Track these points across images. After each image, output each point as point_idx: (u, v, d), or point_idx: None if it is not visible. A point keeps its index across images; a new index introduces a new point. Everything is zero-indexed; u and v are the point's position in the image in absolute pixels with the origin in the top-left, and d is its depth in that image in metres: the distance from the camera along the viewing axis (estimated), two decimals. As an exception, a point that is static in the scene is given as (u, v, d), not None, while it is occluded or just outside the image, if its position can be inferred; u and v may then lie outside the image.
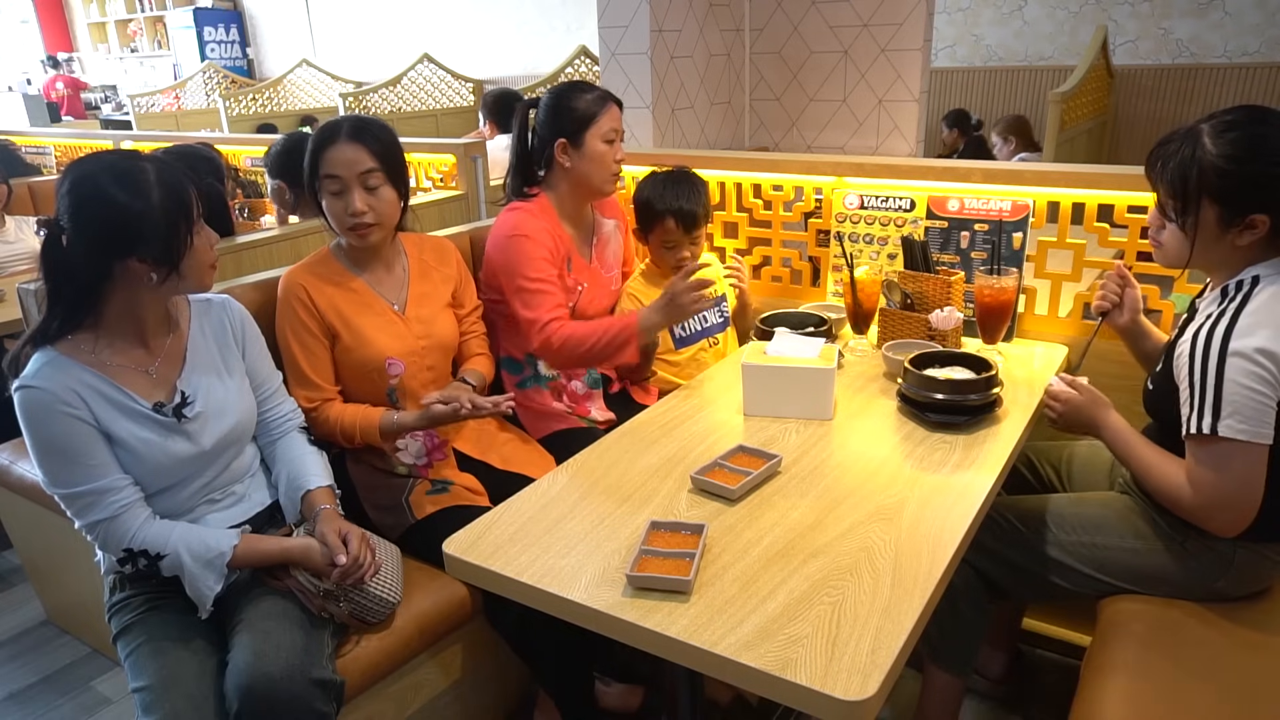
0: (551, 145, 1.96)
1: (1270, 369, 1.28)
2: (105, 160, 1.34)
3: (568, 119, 1.94)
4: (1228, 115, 1.35)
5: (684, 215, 2.08)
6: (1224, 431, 1.29)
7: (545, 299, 1.89)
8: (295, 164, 2.75)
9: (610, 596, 1.14)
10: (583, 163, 1.96)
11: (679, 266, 2.09)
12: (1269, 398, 1.29)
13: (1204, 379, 1.31)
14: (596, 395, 2.11)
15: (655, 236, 2.13)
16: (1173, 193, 1.38)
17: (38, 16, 10.80)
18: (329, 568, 1.42)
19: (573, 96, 1.95)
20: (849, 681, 0.97)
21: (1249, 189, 1.32)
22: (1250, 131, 1.32)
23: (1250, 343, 1.29)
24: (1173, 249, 1.43)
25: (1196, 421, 1.32)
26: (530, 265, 1.89)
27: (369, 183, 1.67)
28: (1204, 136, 1.34)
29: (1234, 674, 1.36)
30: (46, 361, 1.34)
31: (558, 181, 2.00)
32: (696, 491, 1.39)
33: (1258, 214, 1.32)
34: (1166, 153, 1.38)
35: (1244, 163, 1.31)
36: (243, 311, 1.60)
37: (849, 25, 2.72)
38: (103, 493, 1.36)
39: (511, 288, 1.91)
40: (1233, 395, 1.29)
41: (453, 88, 6.95)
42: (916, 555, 1.20)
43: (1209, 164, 1.32)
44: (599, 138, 1.95)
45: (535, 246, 1.90)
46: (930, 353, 1.70)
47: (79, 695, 2.15)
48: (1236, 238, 1.36)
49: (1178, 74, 5.10)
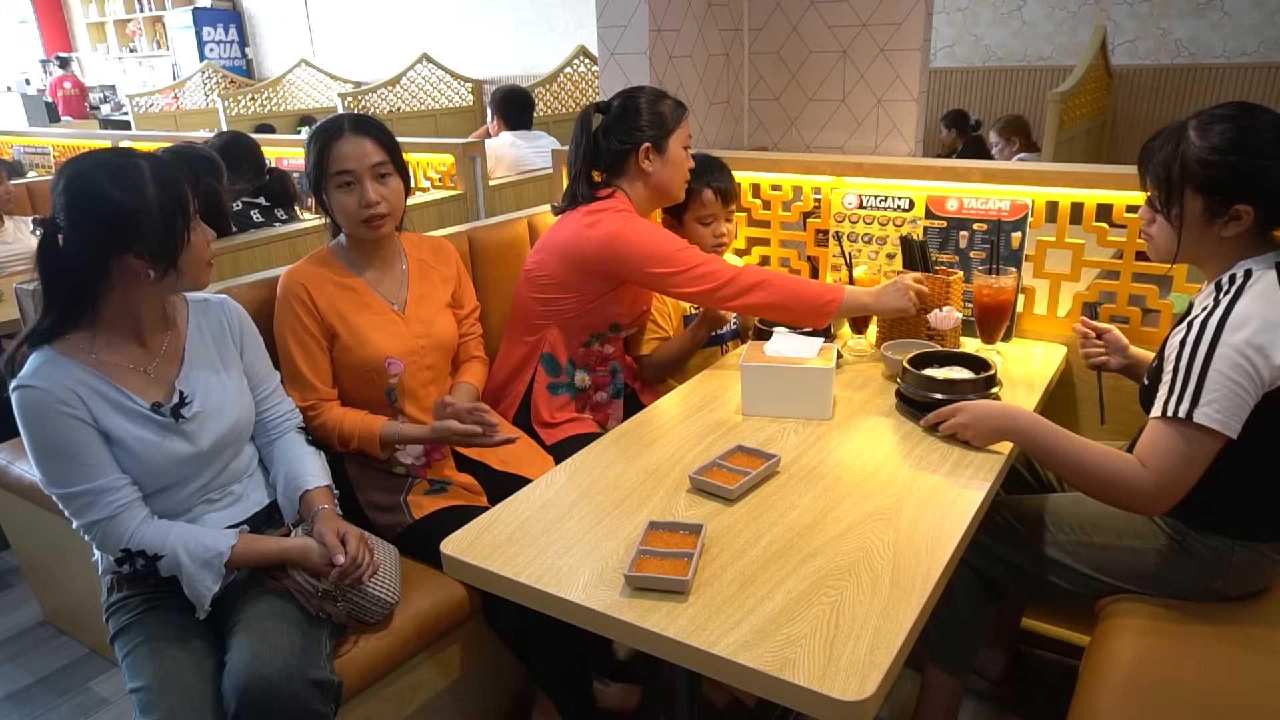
0: (633, 149, 1.94)
1: (1256, 363, 1.29)
2: (100, 158, 1.34)
3: (657, 123, 1.94)
4: (1216, 110, 1.38)
5: (721, 187, 2.12)
6: (1199, 418, 1.31)
7: (699, 254, 1.88)
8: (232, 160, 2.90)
9: (608, 596, 1.14)
10: (666, 168, 1.97)
11: (716, 245, 2.13)
12: (1248, 393, 1.30)
13: (1190, 365, 1.33)
14: (618, 405, 2.12)
15: (692, 212, 2.13)
16: (1158, 184, 1.41)
17: (37, 17, 10.79)
18: (327, 568, 1.42)
19: (657, 102, 1.96)
20: (847, 682, 0.97)
21: (1231, 180, 1.34)
22: (1237, 124, 1.34)
23: (1241, 335, 1.30)
24: (1161, 241, 1.45)
25: (1175, 405, 1.33)
26: (670, 237, 1.90)
27: (380, 173, 1.68)
28: (1190, 130, 1.37)
29: (1232, 674, 1.36)
30: (45, 361, 1.34)
31: (631, 185, 1.98)
32: (695, 491, 1.39)
33: (1241, 205, 1.35)
34: (1154, 146, 1.42)
35: (1226, 154, 1.33)
36: (241, 311, 1.60)
37: (848, 25, 2.72)
38: (101, 492, 1.36)
39: (663, 267, 1.86)
40: (1215, 385, 1.30)
41: (452, 88, 6.95)
42: (915, 555, 1.20)
43: (1192, 156, 1.35)
44: (680, 143, 1.97)
45: (655, 227, 1.94)
46: (929, 352, 1.70)
47: (77, 696, 2.14)
48: (1222, 229, 1.38)
49: (1176, 74, 5.10)
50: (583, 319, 1.99)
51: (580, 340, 2.02)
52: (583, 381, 2.05)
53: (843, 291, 1.84)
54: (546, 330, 2.01)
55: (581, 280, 1.94)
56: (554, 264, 1.96)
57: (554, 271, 1.96)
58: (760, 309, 1.88)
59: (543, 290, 1.99)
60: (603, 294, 1.96)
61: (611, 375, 2.10)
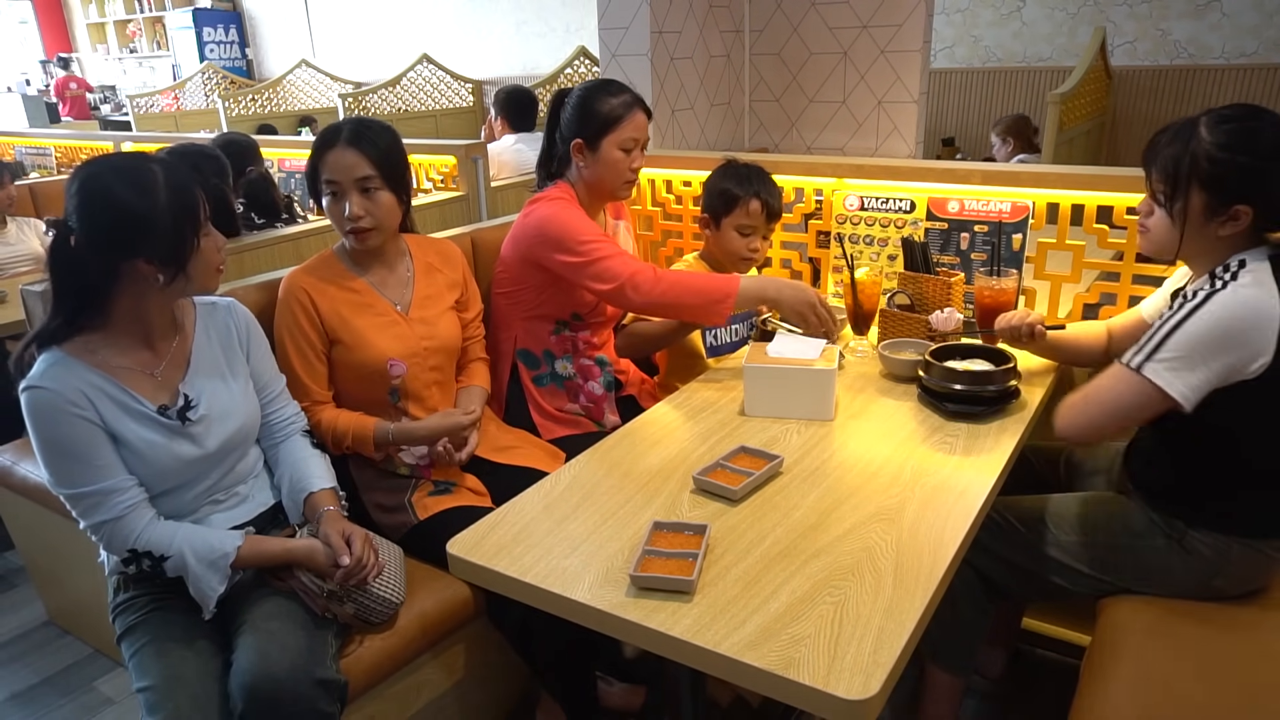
0: (569, 143, 1.96)
1: (1228, 340, 1.32)
2: (114, 162, 1.36)
3: (589, 120, 1.93)
4: (1226, 109, 1.39)
5: (771, 203, 2.08)
6: (1147, 371, 1.36)
7: (613, 247, 1.87)
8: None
9: (614, 596, 1.15)
10: (596, 166, 1.96)
11: (746, 258, 2.10)
12: (1209, 367, 1.33)
13: (1162, 326, 1.38)
14: (611, 399, 2.11)
15: (732, 219, 2.08)
16: (1164, 178, 1.43)
17: (37, 17, 10.79)
18: (333, 568, 1.43)
19: (598, 98, 1.93)
20: (851, 681, 0.98)
21: (1237, 179, 1.36)
22: (1245, 125, 1.36)
23: (1222, 311, 1.33)
24: (1159, 235, 1.47)
25: (1133, 355, 1.39)
26: (584, 224, 1.89)
27: (366, 187, 1.67)
28: (1200, 127, 1.39)
29: (1233, 672, 1.36)
30: (54, 362, 1.35)
31: (575, 179, 2.01)
32: (698, 492, 1.40)
33: (1241, 205, 1.37)
34: (1163, 141, 1.44)
35: (1236, 152, 1.35)
36: (248, 315, 1.61)
37: (848, 26, 2.73)
38: (108, 493, 1.37)
39: (569, 255, 1.86)
40: (1176, 345, 1.35)
41: (452, 88, 6.95)
42: (918, 555, 1.21)
43: (1203, 152, 1.37)
44: (616, 145, 1.94)
45: (580, 214, 1.92)
46: (949, 346, 1.74)
47: (81, 696, 2.15)
48: (1219, 228, 1.40)
49: (1176, 75, 5.11)
50: (541, 309, 2.00)
51: (548, 329, 2.02)
52: (565, 370, 2.04)
53: (738, 280, 1.83)
54: (514, 326, 2.02)
55: (527, 269, 1.96)
56: (507, 255, 1.99)
57: (508, 263, 1.99)
58: (661, 308, 1.88)
59: (503, 285, 2.02)
60: (547, 283, 1.96)
61: (600, 366, 2.08)
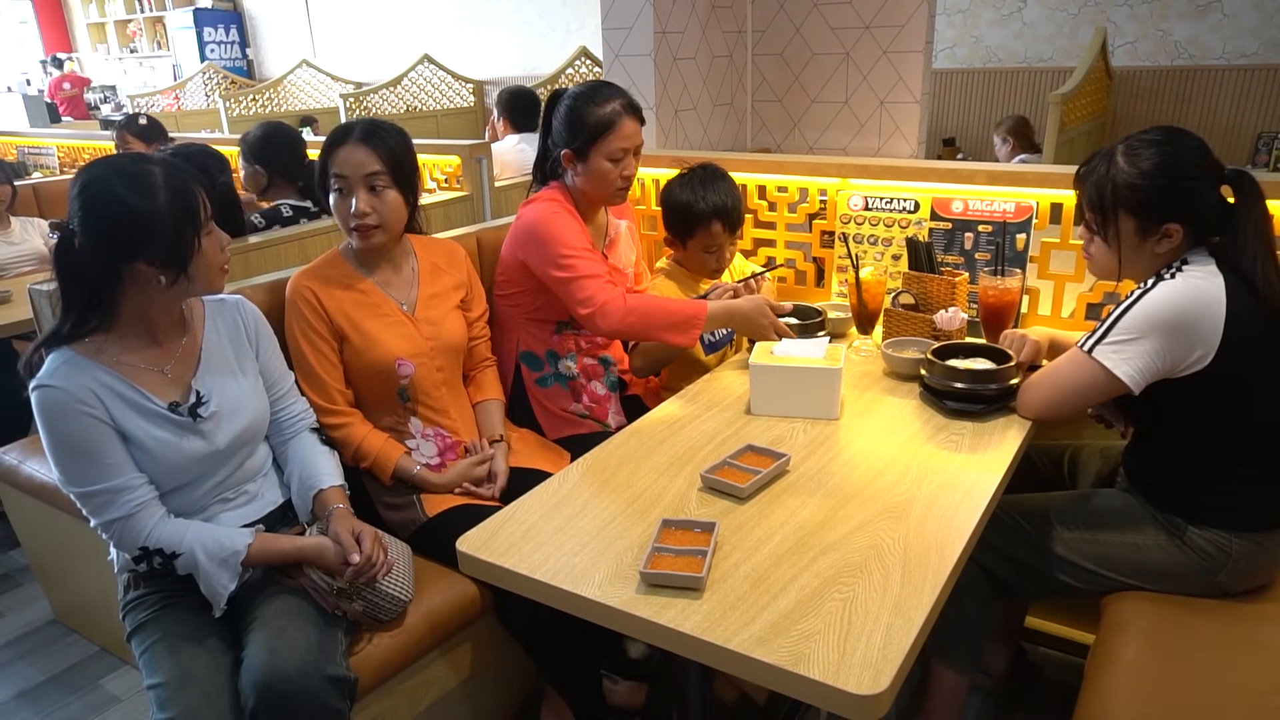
0: (559, 151, 1.95)
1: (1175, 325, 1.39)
2: (115, 163, 1.36)
3: (577, 131, 1.90)
4: (1143, 135, 1.47)
5: (729, 216, 2.06)
6: (1097, 353, 1.44)
7: (594, 265, 1.87)
8: (273, 150, 2.74)
9: (624, 593, 1.15)
10: (588, 178, 1.94)
11: (718, 270, 2.11)
12: (1153, 348, 1.40)
13: (1113, 312, 1.45)
14: (615, 399, 2.11)
15: (697, 241, 2.08)
16: (1092, 207, 1.51)
17: (37, 17, 10.78)
18: (342, 566, 1.44)
19: (586, 107, 1.89)
20: (861, 676, 0.99)
21: (1159, 201, 1.44)
22: (1160, 149, 1.44)
23: (1169, 297, 1.41)
24: (1101, 260, 1.55)
25: (1087, 339, 1.47)
26: (569, 236, 1.88)
27: (374, 184, 1.68)
28: (1118, 156, 1.47)
29: (1238, 670, 1.37)
30: (64, 361, 1.35)
31: (569, 183, 2.00)
32: (706, 490, 1.41)
33: (1171, 224, 1.44)
34: (1085, 172, 1.52)
35: (1153, 178, 1.43)
36: (256, 312, 1.62)
37: (851, 27, 2.74)
38: (118, 491, 1.37)
39: (551, 266, 1.87)
40: (1125, 328, 1.42)
41: (453, 88, 6.96)
42: (925, 552, 1.22)
43: (1122, 180, 1.45)
44: (604, 156, 1.89)
45: (567, 224, 1.90)
46: (951, 345, 1.75)
47: (88, 693, 2.16)
48: (1155, 246, 1.47)
49: (1176, 75, 5.12)
50: (541, 311, 1.99)
51: (549, 330, 2.02)
52: (569, 369, 2.04)
53: (705, 307, 1.83)
54: (517, 329, 2.02)
55: (522, 272, 1.96)
56: (505, 258, 1.99)
57: (506, 266, 1.99)
58: (633, 333, 1.91)
59: (503, 288, 2.02)
60: (543, 286, 1.94)
61: (604, 366, 2.08)
